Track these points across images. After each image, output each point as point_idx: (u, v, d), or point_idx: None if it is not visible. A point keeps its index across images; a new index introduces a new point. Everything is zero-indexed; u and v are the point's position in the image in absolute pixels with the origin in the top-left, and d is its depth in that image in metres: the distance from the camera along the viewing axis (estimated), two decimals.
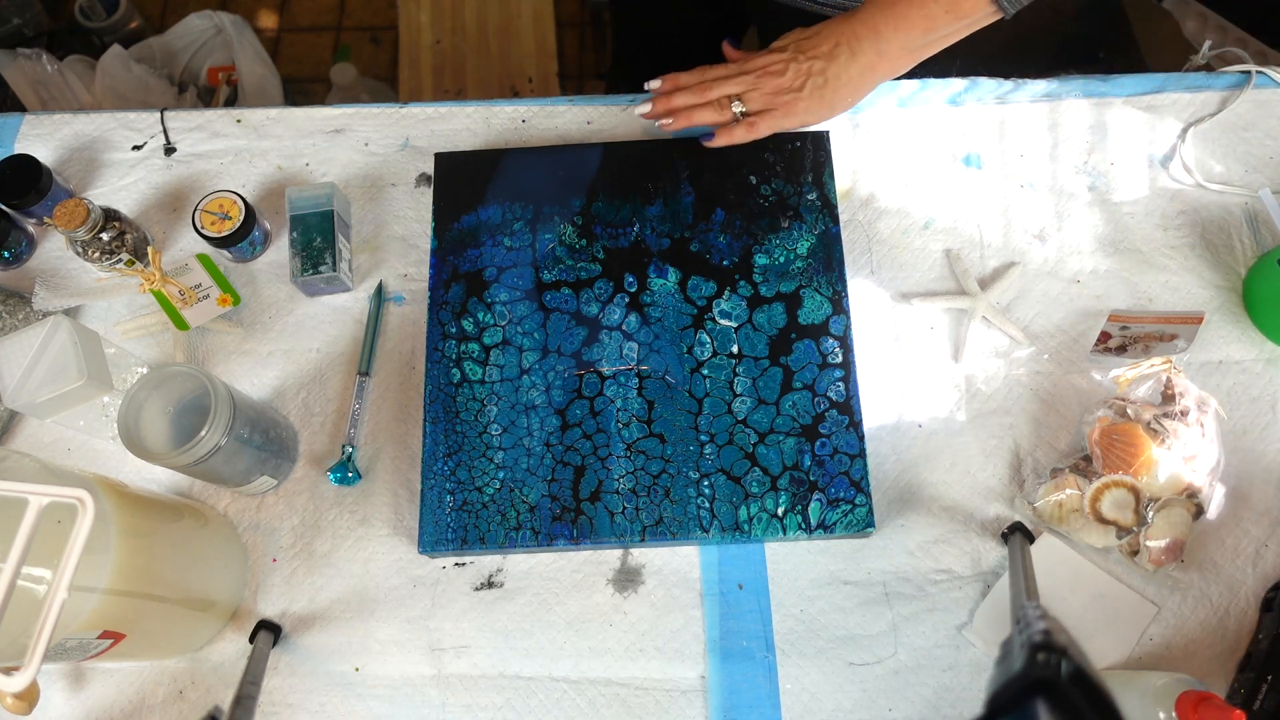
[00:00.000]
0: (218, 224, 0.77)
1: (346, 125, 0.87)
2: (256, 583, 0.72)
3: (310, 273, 0.77)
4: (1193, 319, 0.70)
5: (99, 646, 0.58)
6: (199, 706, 0.69)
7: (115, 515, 0.57)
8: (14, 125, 0.89)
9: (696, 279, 0.75)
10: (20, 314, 0.79)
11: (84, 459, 0.76)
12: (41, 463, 0.57)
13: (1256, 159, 0.81)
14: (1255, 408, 0.73)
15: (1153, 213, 0.79)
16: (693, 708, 0.67)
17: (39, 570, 0.53)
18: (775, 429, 0.70)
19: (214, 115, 0.88)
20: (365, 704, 0.68)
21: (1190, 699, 0.54)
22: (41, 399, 0.67)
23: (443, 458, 0.71)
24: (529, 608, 0.70)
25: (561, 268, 0.76)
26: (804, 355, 0.72)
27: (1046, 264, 0.78)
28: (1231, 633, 0.67)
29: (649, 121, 0.86)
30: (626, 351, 0.73)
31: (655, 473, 0.69)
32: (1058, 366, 0.75)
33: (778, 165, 0.79)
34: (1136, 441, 0.65)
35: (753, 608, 0.69)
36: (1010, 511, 0.71)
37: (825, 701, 0.66)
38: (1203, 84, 0.84)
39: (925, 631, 0.68)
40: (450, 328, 0.75)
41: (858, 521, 0.67)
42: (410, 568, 0.72)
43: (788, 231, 0.76)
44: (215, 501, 0.74)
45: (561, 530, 0.68)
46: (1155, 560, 0.66)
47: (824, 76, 0.74)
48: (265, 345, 0.79)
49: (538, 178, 0.80)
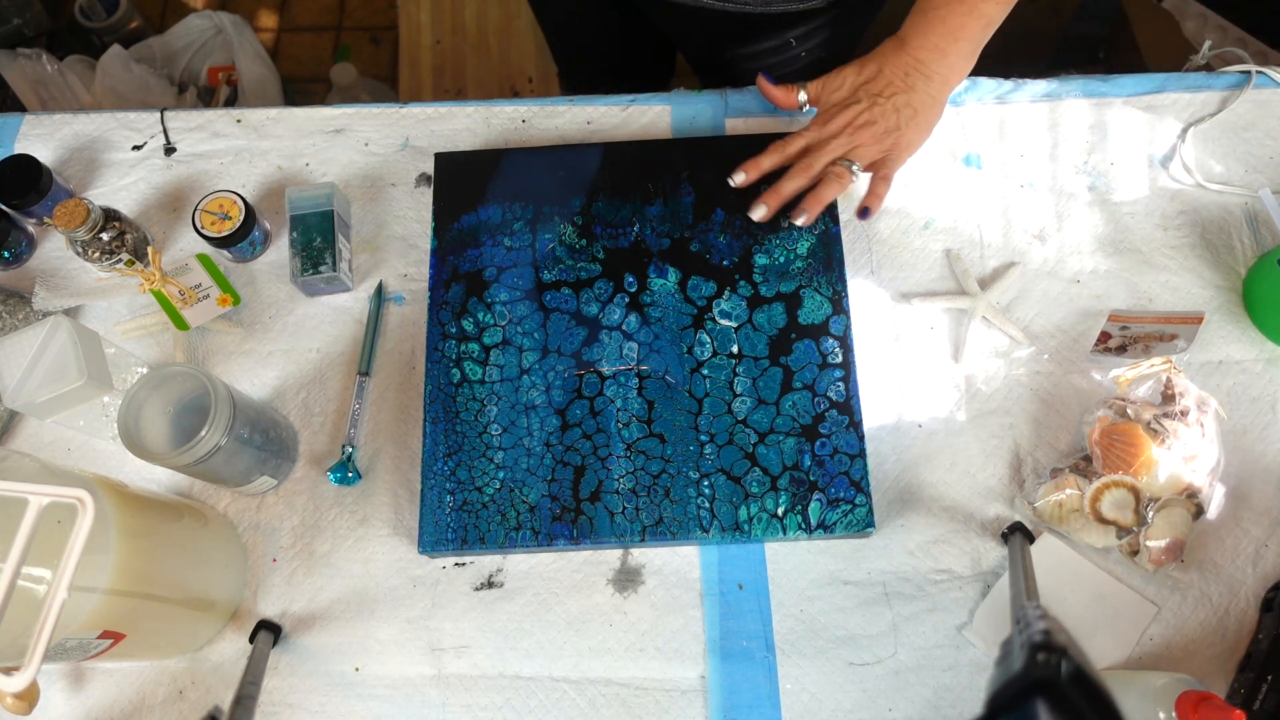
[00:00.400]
0: (218, 224, 0.77)
1: (346, 125, 0.87)
2: (256, 583, 0.72)
3: (310, 273, 0.77)
4: (1193, 319, 0.70)
5: (99, 646, 0.58)
6: (199, 706, 0.69)
7: (115, 515, 0.57)
8: (14, 125, 0.89)
9: (696, 279, 0.75)
10: (20, 314, 0.79)
11: (84, 459, 0.76)
12: (41, 463, 0.57)
13: (1256, 159, 0.81)
14: (1255, 408, 0.73)
15: (1153, 213, 0.80)
16: (693, 708, 0.67)
17: (39, 570, 0.53)
18: (775, 429, 0.70)
19: (214, 115, 0.88)
20: (365, 704, 0.68)
21: (1190, 699, 0.54)
22: (41, 399, 0.67)
23: (443, 458, 0.71)
24: (529, 608, 0.70)
25: (561, 268, 0.76)
26: (804, 355, 0.72)
27: (1046, 264, 0.78)
28: (1231, 633, 0.67)
29: (648, 121, 0.86)
30: (626, 351, 0.73)
31: (655, 473, 0.69)
32: (1058, 366, 0.75)
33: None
34: (1136, 441, 0.65)
35: (753, 608, 0.69)
36: (1010, 511, 0.71)
37: (825, 701, 0.66)
38: (1203, 84, 0.84)
39: (925, 631, 0.68)
40: (450, 328, 0.75)
41: (858, 521, 0.67)
42: (410, 568, 0.72)
43: (787, 231, 0.76)
44: (215, 501, 0.74)
45: (561, 530, 0.68)
46: (1155, 560, 0.66)
47: (911, 108, 0.73)
48: (265, 345, 0.79)
49: (538, 178, 0.80)
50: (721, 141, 0.81)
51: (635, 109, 0.86)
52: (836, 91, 0.75)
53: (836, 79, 0.75)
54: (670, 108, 0.86)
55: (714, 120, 0.85)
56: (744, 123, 0.85)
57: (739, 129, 0.85)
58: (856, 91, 0.74)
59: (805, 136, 0.75)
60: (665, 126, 0.85)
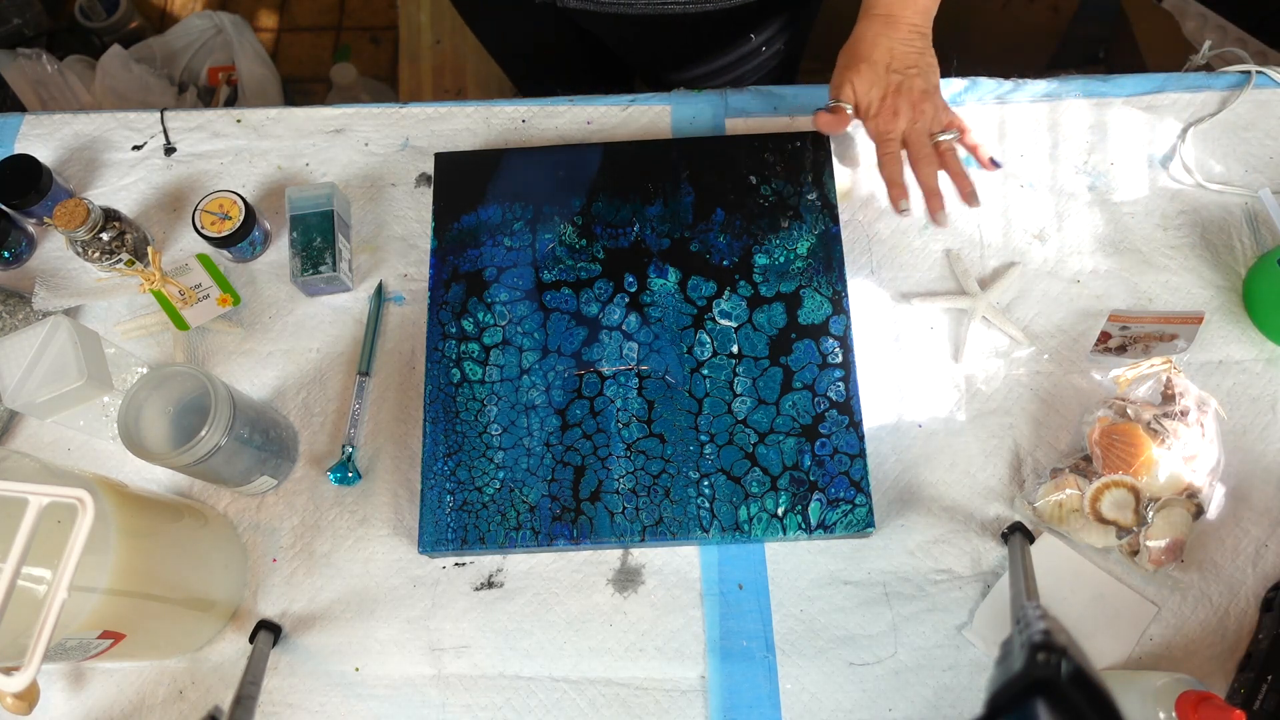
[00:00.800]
0: (218, 224, 0.77)
1: (346, 125, 0.87)
2: (256, 583, 0.72)
3: (310, 273, 0.77)
4: (1193, 319, 0.70)
5: (99, 646, 0.58)
6: (199, 706, 0.69)
7: (115, 515, 0.57)
8: (14, 125, 0.89)
9: (696, 279, 0.75)
10: (20, 314, 0.79)
11: (84, 459, 0.76)
12: (41, 463, 0.57)
13: (1256, 159, 0.81)
14: (1255, 408, 0.73)
15: (1153, 213, 0.80)
16: (693, 708, 0.67)
17: (39, 570, 0.53)
18: (775, 429, 0.70)
19: (214, 115, 0.88)
20: (365, 704, 0.68)
21: (1190, 699, 0.54)
22: (41, 399, 0.67)
23: (443, 458, 0.71)
24: (529, 608, 0.70)
25: (561, 268, 0.76)
26: (804, 355, 0.72)
27: (1046, 264, 0.78)
28: (1231, 633, 0.67)
29: (648, 121, 0.86)
30: (626, 351, 0.73)
31: (655, 473, 0.69)
32: (1058, 366, 0.75)
33: (778, 165, 0.79)
34: (1136, 441, 0.65)
35: (753, 608, 0.69)
36: (1010, 511, 0.71)
37: (825, 701, 0.66)
38: (1203, 84, 0.84)
39: (925, 631, 0.68)
40: (450, 328, 0.75)
41: (858, 521, 0.67)
42: (410, 568, 0.72)
43: (788, 231, 0.76)
44: (215, 501, 0.74)
45: (561, 530, 0.68)
46: (1155, 560, 0.65)
47: (925, 63, 0.76)
48: (265, 345, 0.79)
49: (538, 178, 0.80)
50: (721, 141, 0.81)
51: (635, 109, 0.86)
52: (872, 88, 0.76)
53: (863, 80, 0.76)
54: (670, 108, 0.86)
55: (714, 120, 0.85)
56: (744, 123, 0.85)
57: (739, 129, 0.85)
58: (888, 77, 0.75)
59: (887, 134, 0.76)
60: (665, 126, 0.85)
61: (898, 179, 0.75)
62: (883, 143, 0.76)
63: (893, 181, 0.75)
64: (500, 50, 1.11)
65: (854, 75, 0.75)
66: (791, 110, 0.85)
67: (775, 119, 0.85)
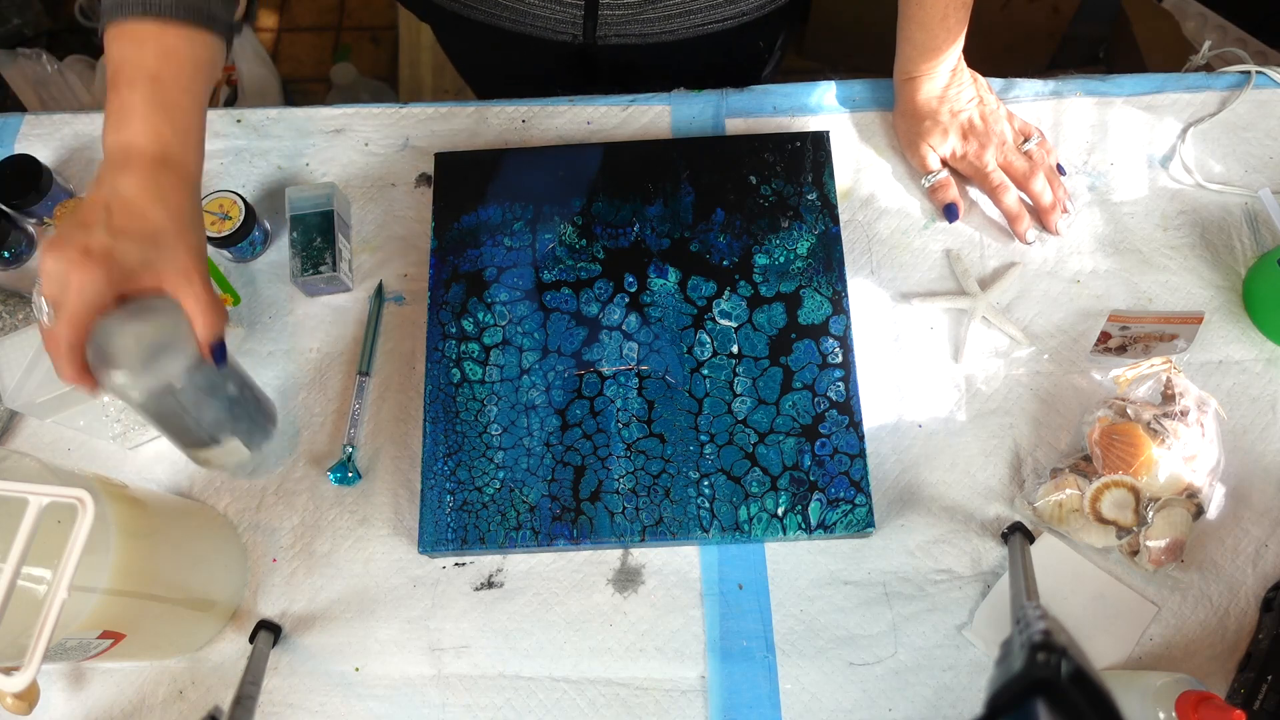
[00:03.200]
0: (218, 224, 0.77)
1: (346, 125, 0.87)
2: (256, 583, 0.72)
3: (310, 273, 0.77)
4: (1193, 319, 0.70)
5: (99, 646, 0.58)
6: (199, 706, 0.69)
7: (115, 515, 0.57)
8: (14, 125, 0.89)
9: (696, 279, 0.75)
10: (20, 314, 0.79)
11: (84, 459, 0.76)
12: (41, 463, 0.57)
13: (1256, 159, 0.81)
14: (1255, 408, 0.73)
15: (1153, 213, 0.80)
16: (693, 708, 0.67)
17: (39, 570, 0.53)
18: (775, 429, 0.70)
19: (214, 115, 0.88)
20: (365, 704, 0.68)
21: (1190, 699, 0.54)
22: (41, 399, 0.67)
23: (443, 458, 0.71)
24: (529, 608, 0.70)
25: (561, 268, 0.76)
26: (804, 355, 0.72)
27: (1046, 264, 0.78)
28: (1231, 633, 0.67)
29: (648, 121, 0.86)
30: (626, 351, 0.73)
31: (655, 473, 0.69)
32: (1058, 366, 0.75)
33: (778, 165, 0.79)
34: (1136, 441, 0.65)
35: (753, 608, 0.69)
36: (1010, 511, 0.71)
37: (825, 701, 0.66)
38: (1203, 84, 0.84)
39: (925, 631, 0.68)
40: (450, 328, 0.75)
41: (858, 521, 0.67)
42: (410, 568, 0.72)
43: (788, 231, 0.76)
44: (215, 501, 0.74)
45: (561, 530, 0.68)
46: (1155, 560, 0.66)
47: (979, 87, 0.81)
48: (265, 345, 0.79)
49: (538, 178, 0.80)
50: (721, 141, 0.81)
51: (635, 109, 0.86)
52: (948, 140, 0.79)
53: (937, 139, 0.79)
54: (670, 108, 0.86)
55: (714, 120, 0.85)
56: (744, 123, 0.85)
57: (739, 129, 0.85)
58: (956, 122, 0.79)
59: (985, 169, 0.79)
60: (665, 126, 0.85)
61: (1015, 209, 0.78)
62: (985, 179, 0.79)
63: (1017, 216, 0.78)
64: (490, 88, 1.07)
65: (927, 140, 0.79)
66: (791, 110, 0.85)
67: (775, 119, 0.85)
